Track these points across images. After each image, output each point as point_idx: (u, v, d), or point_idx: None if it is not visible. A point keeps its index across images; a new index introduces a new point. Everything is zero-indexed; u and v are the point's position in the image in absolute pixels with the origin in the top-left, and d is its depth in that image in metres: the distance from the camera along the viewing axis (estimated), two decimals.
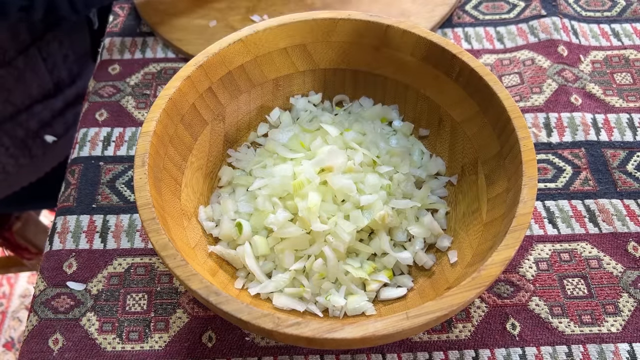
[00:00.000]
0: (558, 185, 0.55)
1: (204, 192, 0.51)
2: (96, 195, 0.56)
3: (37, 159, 0.84)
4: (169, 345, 0.47)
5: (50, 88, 0.83)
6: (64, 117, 0.85)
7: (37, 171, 0.86)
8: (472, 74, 0.47)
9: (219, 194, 0.51)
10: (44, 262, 0.52)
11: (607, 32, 0.67)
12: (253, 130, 0.55)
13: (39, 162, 0.85)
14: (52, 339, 0.48)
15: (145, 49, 0.68)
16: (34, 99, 0.81)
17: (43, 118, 0.82)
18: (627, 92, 0.61)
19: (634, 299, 0.48)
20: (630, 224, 0.52)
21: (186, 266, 0.37)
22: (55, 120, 0.84)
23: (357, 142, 0.51)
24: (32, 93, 0.80)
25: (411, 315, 0.35)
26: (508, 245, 0.37)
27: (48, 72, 0.81)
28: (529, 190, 0.40)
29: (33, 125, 0.81)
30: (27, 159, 0.83)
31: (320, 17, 0.51)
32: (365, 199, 0.46)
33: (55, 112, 0.83)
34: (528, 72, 0.63)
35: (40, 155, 0.84)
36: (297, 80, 0.55)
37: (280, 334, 0.35)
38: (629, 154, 0.56)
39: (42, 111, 0.82)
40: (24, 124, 0.80)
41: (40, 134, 0.83)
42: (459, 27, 0.68)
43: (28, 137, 0.82)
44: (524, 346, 0.46)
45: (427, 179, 0.51)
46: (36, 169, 0.85)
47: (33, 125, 0.81)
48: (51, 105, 0.83)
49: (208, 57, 0.48)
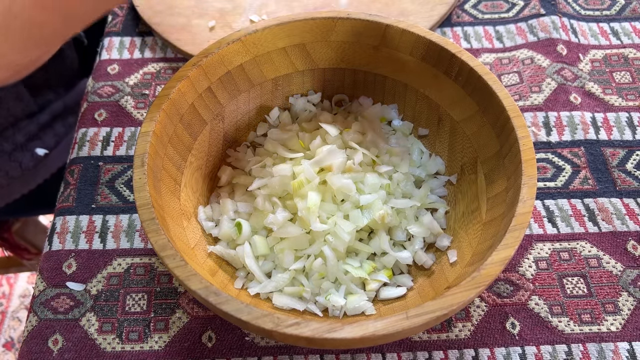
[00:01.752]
0: (557, 184, 0.55)
1: (203, 192, 0.51)
2: (95, 196, 0.56)
3: (28, 172, 0.83)
4: (168, 346, 0.47)
5: (35, 110, 0.82)
6: (54, 129, 0.84)
7: (28, 183, 0.85)
8: (472, 73, 0.47)
9: (218, 194, 0.51)
10: (43, 263, 0.52)
11: (607, 31, 0.66)
12: (252, 130, 0.55)
13: (30, 174, 0.83)
14: (52, 339, 0.48)
15: (144, 49, 0.68)
16: (18, 117, 0.80)
17: (30, 131, 0.81)
18: (626, 91, 0.61)
19: (634, 297, 0.48)
20: (630, 223, 0.52)
21: (186, 266, 0.37)
22: (44, 133, 0.83)
23: (356, 141, 0.51)
24: (17, 114, 0.79)
25: (411, 315, 0.35)
26: (507, 245, 0.37)
27: (32, 97, 0.80)
28: (528, 190, 0.40)
29: (20, 138, 0.80)
30: (17, 172, 0.82)
31: (319, 17, 0.51)
32: (364, 199, 0.46)
33: (42, 125, 0.82)
34: (527, 71, 0.63)
35: (32, 168, 0.83)
36: (296, 80, 0.55)
37: (280, 334, 0.35)
38: (628, 152, 0.56)
39: (28, 125, 0.81)
40: (10, 137, 0.80)
41: (30, 146, 0.81)
42: (458, 26, 0.68)
43: (16, 149, 0.80)
44: (523, 345, 0.46)
45: (427, 178, 0.51)
46: (27, 181, 0.84)
47: (20, 139, 0.80)
48: (37, 120, 0.82)
49: (207, 57, 0.48)
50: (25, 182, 0.84)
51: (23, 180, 0.83)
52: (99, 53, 0.68)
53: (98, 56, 0.68)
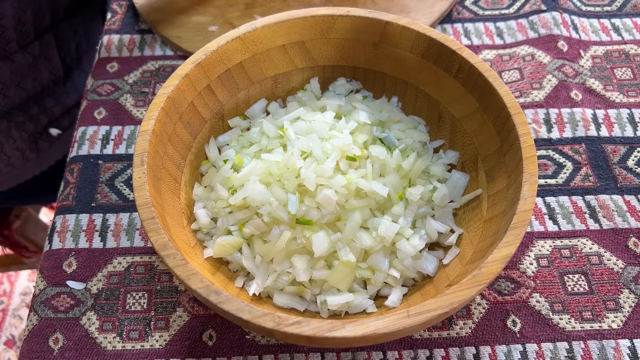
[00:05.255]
0: (558, 181, 0.55)
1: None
2: (95, 194, 0.56)
3: (43, 153, 0.85)
4: (169, 344, 0.47)
5: (61, 75, 0.83)
6: (71, 113, 0.86)
7: (42, 165, 0.86)
8: (472, 70, 0.47)
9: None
10: (44, 262, 0.52)
11: (608, 27, 0.66)
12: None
13: (44, 155, 0.85)
14: (53, 338, 0.48)
15: (144, 47, 0.68)
16: (45, 86, 0.81)
17: (54, 113, 0.83)
18: (627, 87, 0.61)
19: (635, 295, 0.48)
20: (631, 220, 0.52)
21: (186, 265, 0.37)
22: (63, 117, 0.85)
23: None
24: (44, 80, 0.80)
25: (412, 314, 0.35)
26: (509, 243, 0.37)
27: (60, 60, 0.82)
28: (529, 187, 0.40)
29: (43, 120, 0.82)
30: (33, 153, 0.83)
31: (318, 14, 0.51)
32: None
33: (65, 109, 0.84)
34: (528, 68, 0.63)
35: (46, 149, 0.84)
36: (296, 78, 0.55)
37: (281, 333, 0.35)
38: (629, 149, 0.56)
39: (54, 107, 0.83)
40: (35, 118, 0.81)
41: (48, 128, 0.83)
42: (459, 22, 0.68)
43: (37, 131, 0.82)
44: (524, 343, 0.46)
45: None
46: (42, 162, 0.86)
47: (43, 120, 0.82)
48: (62, 102, 0.83)
49: (206, 55, 0.48)
50: (39, 163, 0.85)
51: (37, 161, 0.84)
52: (98, 51, 0.68)
53: (97, 54, 0.68)
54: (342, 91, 0.55)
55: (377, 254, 0.44)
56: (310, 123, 0.49)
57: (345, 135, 0.47)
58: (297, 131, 0.49)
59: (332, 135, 0.48)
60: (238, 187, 0.46)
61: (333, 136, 0.47)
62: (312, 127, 0.49)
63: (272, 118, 0.53)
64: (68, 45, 0.84)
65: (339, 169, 0.46)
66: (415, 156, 0.49)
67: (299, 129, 0.49)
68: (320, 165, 0.45)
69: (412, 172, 0.48)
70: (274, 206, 0.44)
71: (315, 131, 0.48)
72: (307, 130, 0.49)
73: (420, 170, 0.49)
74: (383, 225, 0.44)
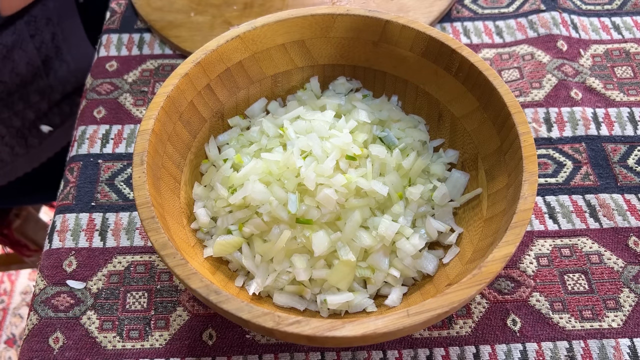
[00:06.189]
0: (558, 180, 0.55)
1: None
2: (95, 194, 0.56)
3: (34, 149, 0.84)
4: (169, 343, 0.47)
5: (39, 65, 0.82)
6: (60, 108, 0.85)
7: (32, 161, 0.86)
8: (472, 69, 0.47)
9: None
10: (44, 261, 0.52)
11: (608, 26, 0.66)
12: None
13: (35, 152, 0.85)
14: (53, 337, 0.48)
15: (143, 46, 0.68)
16: (24, 77, 0.80)
17: (41, 108, 0.82)
18: (627, 86, 0.61)
19: (635, 294, 0.48)
20: (631, 219, 0.52)
21: (186, 265, 0.37)
22: (52, 111, 0.84)
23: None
24: (21, 71, 0.79)
25: (412, 313, 0.35)
26: (509, 242, 0.37)
27: (36, 49, 0.81)
28: (529, 186, 0.39)
29: (30, 115, 0.81)
30: (23, 149, 0.83)
31: (318, 13, 0.51)
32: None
33: (52, 104, 0.83)
34: (528, 67, 0.62)
35: (37, 145, 0.84)
36: (296, 77, 0.55)
37: (281, 333, 0.35)
38: (629, 148, 0.56)
39: (40, 102, 0.82)
40: (21, 113, 0.80)
41: (37, 124, 0.83)
42: (458, 21, 0.68)
43: (24, 127, 0.81)
44: (524, 342, 0.46)
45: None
46: (32, 159, 0.85)
47: (30, 115, 0.81)
48: (48, 96, 0.82)
49: (206, 54, 0.48)
50: (29, 160, 0.85)
51: (28, 157, 0.84)
52: (97, 50, 0.68)
53: (96, 53, 0.68)
54: (342, 90, 0.55)
55: (377, 253, 0.44)
56: (310, 122, 0.49)
57: (345, 134, 0.47)
58: (297, 130, 0.49)
59: (332, 135, 0.47)
60: (238, 187, 0.46)
61: (333, 135, 0.47)
62: (312, 126, 0.49)
63: (271, 117, 0.53)
64: (42, 34, 0.82)
65: (338, 168, 0.46)
66: (415, 155, 0.49)
67: (299, 128, 0.49)
68: (320, 164, 0.45)
69: (412, 171, 0.48)
70: (273, 205, 0.44)
71: (315, 130, 0.48)
72: (307, 130, 0.49)
73: (420, 170, 0.49)
74: (383, 225, 0.44)
